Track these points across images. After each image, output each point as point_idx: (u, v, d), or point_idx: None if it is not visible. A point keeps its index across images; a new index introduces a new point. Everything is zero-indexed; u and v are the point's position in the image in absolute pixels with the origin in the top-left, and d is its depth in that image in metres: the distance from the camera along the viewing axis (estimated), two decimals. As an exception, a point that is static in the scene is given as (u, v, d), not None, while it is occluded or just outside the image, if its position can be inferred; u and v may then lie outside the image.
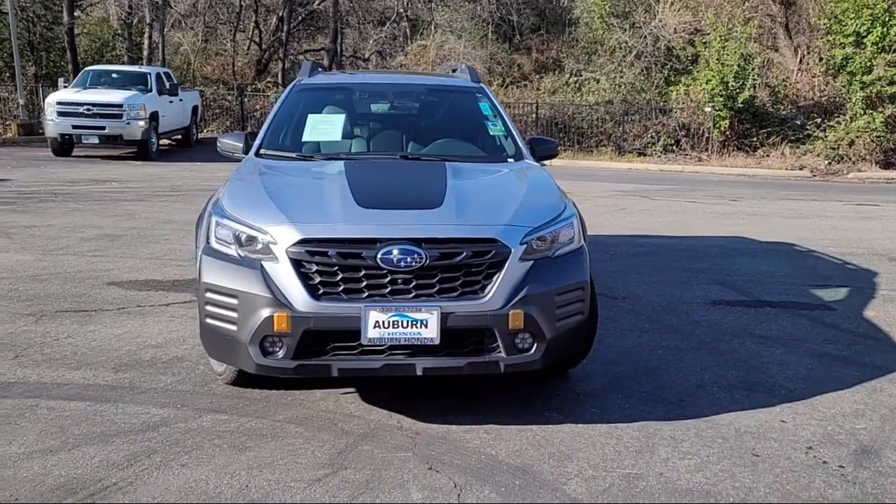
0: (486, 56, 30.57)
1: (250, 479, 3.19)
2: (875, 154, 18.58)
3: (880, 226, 10.23)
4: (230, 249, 3.55)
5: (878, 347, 5.03)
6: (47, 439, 3.51)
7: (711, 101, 19.20)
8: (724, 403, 4.03)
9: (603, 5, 26.60)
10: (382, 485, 3.14)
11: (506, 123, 4.98)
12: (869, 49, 19.14)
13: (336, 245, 3.38)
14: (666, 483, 3.18)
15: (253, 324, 3.36)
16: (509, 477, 3.22)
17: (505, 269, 3.44)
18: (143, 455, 3.38)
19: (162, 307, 5.71)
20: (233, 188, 3.93)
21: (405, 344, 3.39)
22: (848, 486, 3.16)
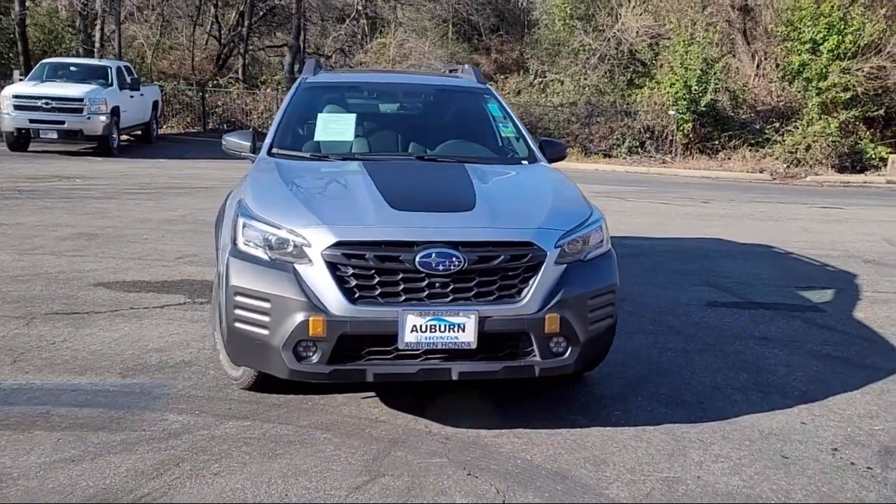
0: (447, 56, 30.58)
1: (288, 487, 3.11)
2: (830, 158, 19.14)
3: (848, 228, 10.52)
4: (259, 252, 3.46)
5: (875, 349, 5.16)
6: (66, 448, 3.38)
7: (675, 104, 19.53)
8: (741, 405, 4.09)
9: (564, 7, 26.83)
10: (425, 492, 3.10)
11: (516, 125, 4.97)
12: (825, 56, 19.72)
13: (373, 248, 3.32)
14: (705, 486, 3.21)
15: (287, 328, 3.28)
16: (550, 482, 3.21)
17: (541, 273, 3.43)
18: (171, 463, 3.27)
19: (156, 309, 5.55)
20: (256, 188, 3.83)
21: (442, 348, 3.35)
22: (880, 488, 3.23)
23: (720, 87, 20.11)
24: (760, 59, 23.44)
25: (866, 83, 19.72)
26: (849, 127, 19.87)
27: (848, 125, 19.80)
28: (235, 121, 23.60)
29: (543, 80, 25.49)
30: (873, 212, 12.43)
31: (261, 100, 24.04)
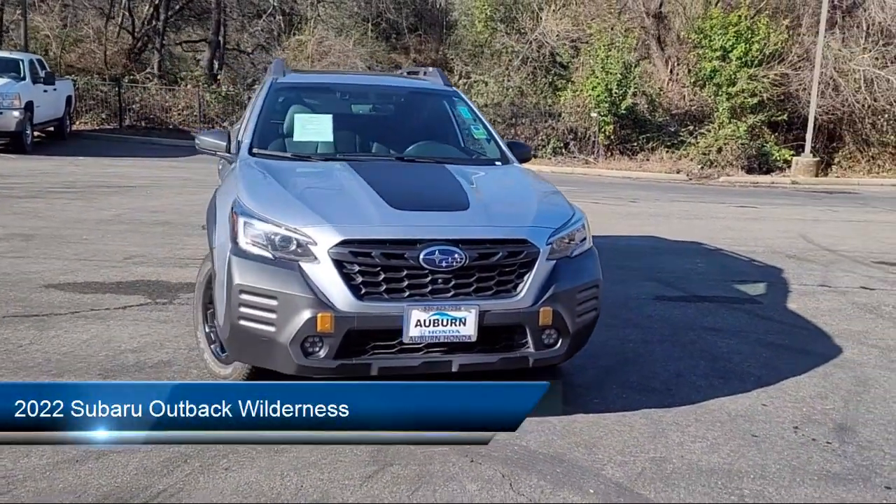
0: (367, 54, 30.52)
1: (301, 479, 3.20)
2: (740, 160, 20.19)
3: (766, 226, 11.20)
4: (263, 250, 3.52)
5: (812, 336, 5.60)
6: (66, 449, 3.35)
7: (597, 107, 20.18)
8: (706, 390, 4.39)
9: (484, 9, 27.26)
10: (435, 478, 3.24)
11: (486, 127, 5.15)
12: (734, 63, 20.78)
13: (378, 246, 3.44)
14: (690, 464, 3.47)
15: (295, 325, 3.36)
16: (549, 465, 3.40)
17: (535, 269, 3.62)
18: (179, 461, 3.30)
19: (118, 310, 5.47)
20: (251, 188, 3.87)
21: (443, 342, 3.50)
22: (841, 460, 3.57)
23: (638, 91, 20.91)
24: (673, 65, 24.45)
25: (771, 89, 20.92)
26: (755, 130, 21.01)
27: (755, 129, 20.93)
28: (154, 118, 22.97)
29: (468, 80, 25.82)
30: (785, 210, 13.24)
31: (181, 97, 23.43)
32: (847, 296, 6.89)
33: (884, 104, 21.30)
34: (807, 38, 22.52)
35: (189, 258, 7.30)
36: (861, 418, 4.07)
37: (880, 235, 10.71)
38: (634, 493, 3.18)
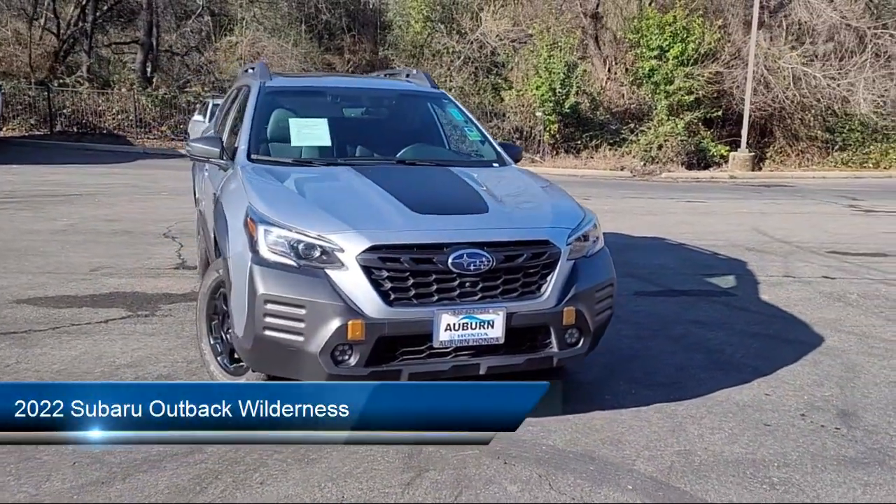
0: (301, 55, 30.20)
1: (340, 489, 3.15)
2: (680, 156, 20.77)
3: (718, 220, 11.56)
4: (286, 258, 3.44)
5: (791, 326, 5.80)
6: (88, 471, 3.23)
7: (542, 106, 20.45)
8: (709, 382, 4.50)
9: (421, 10, 27.30)
10: (474, 482, 3.24)
11: (479, 129, 5.16)
12: (671, 62, 21.35)
13: (407, 251, 3.41)
14: (715, 456, 3.55)
15: (325, 333, 3.30)
16: (581, 464, 3.44)
17: (557, 269, 3.65)
18: (210, 477, 3.21)
19: (101, 324, 5.27)
20: (263, 194, 3.77)
21: (472, 345, 3.50)
22: (854, 445, 3.71)
23: (581, 90, 21.27)
24: (611, 65, 24.98)
25: (706, 87, 21.57)
26: (692, 127, 21.64)
27: (692, 126, 21.55)
28: (87, 123, 22.20)
29: (409, 81, 25.78)
30: (732, 204, 13.67)
31: (115, 100, 22.68)
32: (812, 285, 7.16)
33: (811, 100, 22.21)
34: (737, 37, 23.30)
35: (160, 268, 7.10)
36: (860, 403, 4.24)
37: (826, 226, 11.16)
38: (671, 487, 3.24)
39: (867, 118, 22.72)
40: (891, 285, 7.22)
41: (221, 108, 6.49)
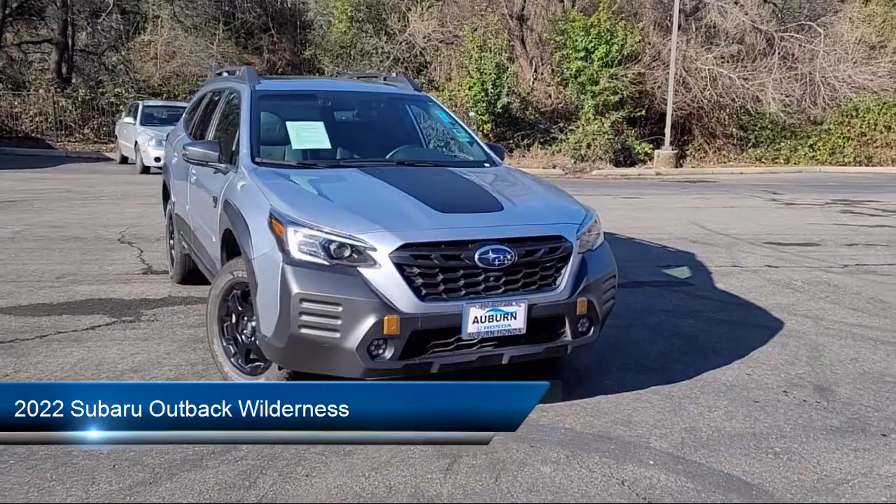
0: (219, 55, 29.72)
1: (385, 478, 3.28)
2: (608, 154, 21.50)
3: (658, 215, 12.10)
4: (318, 258, 3.54)
5: (752, 312, 6.22)
6: (132, 473, 3.26)
7: (474, 106, 20.78)
8: (694, 366, 4.82)
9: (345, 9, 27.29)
10: (509, 465, 3.42)
11: (467, 131, 5.35)
12: (596, 63, 22.05)
13: (436, 248, 3.57)
14: (718, 431, 3.85)
15: (362, 329, 3.43)
16: (601, 443, 3.67)
17: (570, 263, 3.88)
18: (255, 473, 3.30)
19: (88, 331, 5.21)
20: (284, 196, 3.84)
21: (496, 336, 3.69)
22: (836, 416, 4.08)
23: (511, 90, 21.73)
24: (538, 65, 25.58)
25: (630, 87, 22.38)
26: (618, 126, 22.41)
27: (617, 125, 22.32)
28: (2, 126, 21.23)
29: (337, 82, 25.71)
30: (665, 200, 14.30)
31: (31, 102, 21.78)
32: (759, 274, 7.65)
33: (727, 100, 23.35)
34: (655, 39, 24.25)
35: (127, 274, 7.00)
36: (831, 379, 4.64)
37: (756, 219, 11.85)
38: (688, 461, 3.51)
39: (776, 117, 24.05)
40: (829, 272, 7.79)
41: (194, 113, 6.45)
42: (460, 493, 3.18)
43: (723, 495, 3.19)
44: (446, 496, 3.16)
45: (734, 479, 3.33)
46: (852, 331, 5.66)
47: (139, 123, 17.07)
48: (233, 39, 29.94)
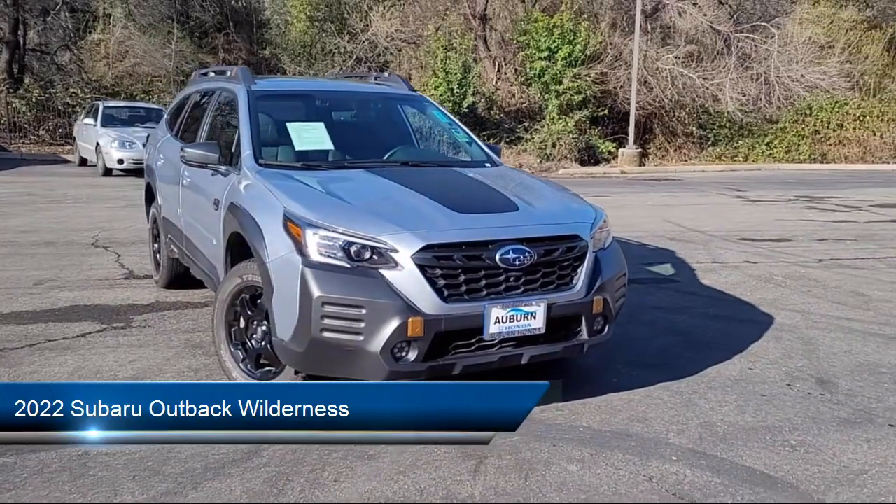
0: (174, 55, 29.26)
1: (414, 481, 3.25)
2: (573, 153, 21.68)
3: (631, 213, 12.23)
4: (338, 260, 3.49)
5: (739, 306, 6.33)
6: (154, 483, 3.17)
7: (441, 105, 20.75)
8: (696, 362, 4.87)
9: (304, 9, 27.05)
10: (535, 465, 3.41)
11: (465, 131, 5.33)
12: (559, 63, 22.22)
13: (458, 249, 3.55)
14: (733, 425, 3.90)
15: (386, 332, 3.39)
16: (622, 441, 3.69)
17: (586, 262, 3.89)
18: (281, 479, 3.24)
19: (79, 339, 5.07)
20: (298, 198, 3.77)
21: (516, 336, 3.68)
22: (842, 407, 4.17)
23: (476, 90, 21.77)
24: (501, 65, 25.69)
25: (593, 87, 22.61)
26: (581, 125, 22.62)
27: (581, 124, 22.53)
28: (-47, 129, 20.54)
29: (300, 82, 25.45)
30: (635, 198, 14.48)
31: (-17, 104, 21.11)
32: (740, 270, 7.79)
33: (687, 99, 23.76)
34: (617, 40, 24.54)
35: (108, 279, 6.83)
36: (829, 371, 4.74)
37: (726, 216, 12.07)
38: (709, 455, 3.54)
39: (734, 116, 24.54)
40: (806, 267, 7.97)
41: (179, 114, 6.31)
42: (492, 494, 3.17)
43: (750, 489, 3.23)
44: (479, 497, 3.14)
45: (757, 473, 3.38)
46: (840, 324, 5.80)
47: (100, 125, 16.66)
48: (187, 39, 29.43)
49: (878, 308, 6.31)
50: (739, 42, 25.22)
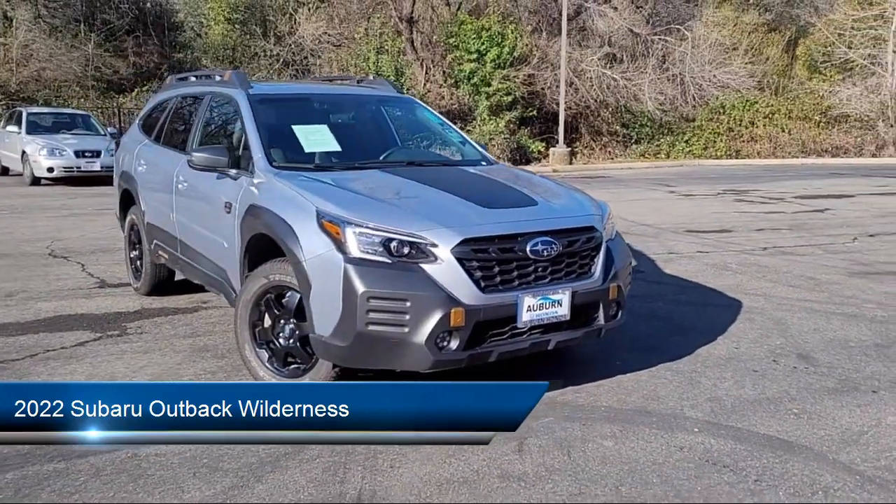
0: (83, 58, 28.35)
1: (466, 464, 3.39)
2: (505, 153, 22.11)
3: (576, 210, 12.64)
4: (379, 256, 3.62)
5: (707, 293, 6.73)
6: (216, 479, 3.24)
7: (375, 108, 20.81)
8: (686, 343, 5.18)
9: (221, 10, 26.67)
10: (574, 442, 3.62)
11: (457, 131, 5.51)
12: (488, 65, 22.67)
13: (492, 242, 3.73)
14: (738, 398, 4.21)
15: (430, 323, 3.54)
16: (643, 417, 3.95)
17: (602, 252, 4.14)
18: (339, 469, 3.35)
19: (78, 348, 5.01)
20: (328, 197, 3.87)
21: (544, 323, 3.89)
22: (828, 379, 4.55)
23: (408, 92, 21.93)
24: (428, 67, 25.92)
25: (522, 88, 23.15)
26: (511, 126, 23.11)
27: (511, 124, 23.02)
28: None
29: (226, 86, 25.01)
30: (575, 195, 14.92)
31: None
32: (696, 259, 8.25)
33: (611, 99, 24.59)
34: (542, 42, 25.18)
35: (81, 288, 6.70)
36: (806, 348, 5.14)
37: (666, 210, 12.65)
38: (727, 426, 3.84)
39: (654, 115, 25.57)
40: (753, 255, 8.50)
41: (157, 119, 6.25)
42: (543, 470, 3.36)
43: (772, 453, 3.54)
44: (532, 473, 3.33)
45: (774, 439, 3.69)
46: (801, 305, 6.26)
47: (25, 132, 16.00)
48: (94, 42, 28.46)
49: (830, 290, 6.82)
50: (655, 44, 26.29)
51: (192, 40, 28.89)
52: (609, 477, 3.30)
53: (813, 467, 3.40)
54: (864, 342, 5.27)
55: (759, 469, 3.38)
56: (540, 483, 3.24)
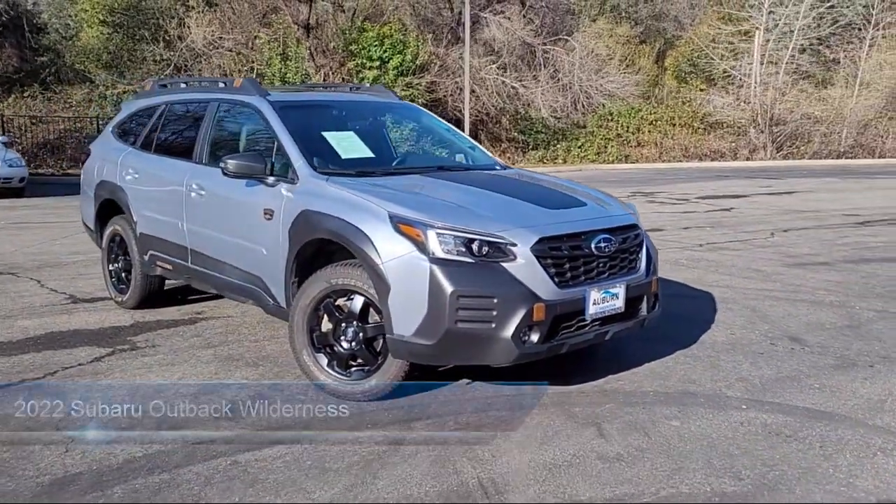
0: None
1: (560, 450, 3.57)
2: (412, 160, 22.34)
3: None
4: (462, 256, 3.74)
5: (676, 287, 7.17)
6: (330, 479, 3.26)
7: (282, 115, 20.51)
8: (689, 333, 5.56)
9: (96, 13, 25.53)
10: (645, 424, 3.86)
11: (466, 137, 5.68)
12: (391, 72, 22.85)
13: (563, 241, 3.94)
14: (763, 378, 4.59)
15: (516, 318, 3.70)
16: (691, 398, 4.26)
17: (644, 248, 4.45)
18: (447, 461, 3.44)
19: (95, 363, 4.82)
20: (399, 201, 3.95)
21: (605, 315, 4.14)
22: (826, 357, 5.04)
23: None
24: (327, 74, 25.77)
25: (425, 95, 23.47)
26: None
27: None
28: None
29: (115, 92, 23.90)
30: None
31: None
32: (647, 257, 8.76)
33: (509, 107, 25.35)
34: (441, 50, 25.63)
35: (54, 304, 6.39)
36: (791, 330, 5.66)
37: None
38: (767, 402, 4.21)
39: (548, 121, 26.58)
40: (696, 251, 9.14)
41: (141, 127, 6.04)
42: (635, 450, 3.59)
43: (820, 423, 3.93)
44: (627, 454, 3.54)
45: (814, 411, 4.10)
46: (764, 294, 6.84)
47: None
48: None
49: (779, 280, 7.47)
50: (546, 54, 27.33)
51: (57, 42, 27.30)
52: (696, 452, 3.57)
53: (861, 433, 3.81)
54: (835, 324, 5.84)
55: (819, 437, 3.75)
56: (640, 462, 3.47)
